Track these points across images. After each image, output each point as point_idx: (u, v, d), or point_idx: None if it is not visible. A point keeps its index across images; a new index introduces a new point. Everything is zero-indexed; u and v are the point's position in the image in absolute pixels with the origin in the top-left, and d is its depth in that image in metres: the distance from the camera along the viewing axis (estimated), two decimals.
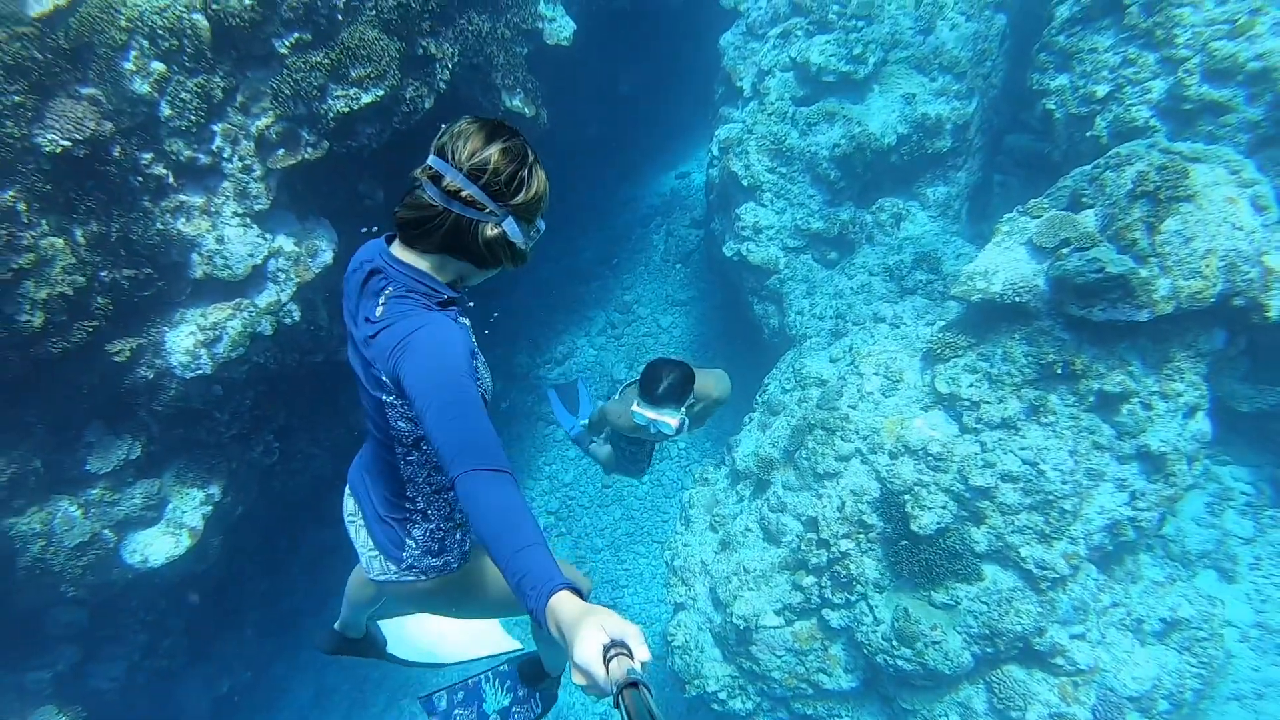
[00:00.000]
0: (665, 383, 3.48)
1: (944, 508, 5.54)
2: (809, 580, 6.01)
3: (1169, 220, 5.09)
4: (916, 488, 5.63)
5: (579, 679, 1.28)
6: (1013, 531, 5.42)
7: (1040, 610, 5.33)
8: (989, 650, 5.42)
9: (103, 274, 5.01)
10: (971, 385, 5.74)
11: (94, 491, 5.62)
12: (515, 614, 2.82)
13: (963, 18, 8.52)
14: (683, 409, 3.54)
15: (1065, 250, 5.35)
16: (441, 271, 1.99)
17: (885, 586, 5.75)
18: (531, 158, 1.93)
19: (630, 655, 1.26)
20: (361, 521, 2.45)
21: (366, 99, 5.30)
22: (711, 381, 3.85)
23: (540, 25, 8.26)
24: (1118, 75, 6.78)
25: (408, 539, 2.32)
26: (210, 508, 5.99)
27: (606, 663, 1.24)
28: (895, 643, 5.57)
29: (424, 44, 5.77)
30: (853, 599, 5.84)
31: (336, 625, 3.27)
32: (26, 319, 4.74)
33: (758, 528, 6.59)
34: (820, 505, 6.02)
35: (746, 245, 8.51)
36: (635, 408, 3.56)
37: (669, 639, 6.91)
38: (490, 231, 1.90)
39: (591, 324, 12.24)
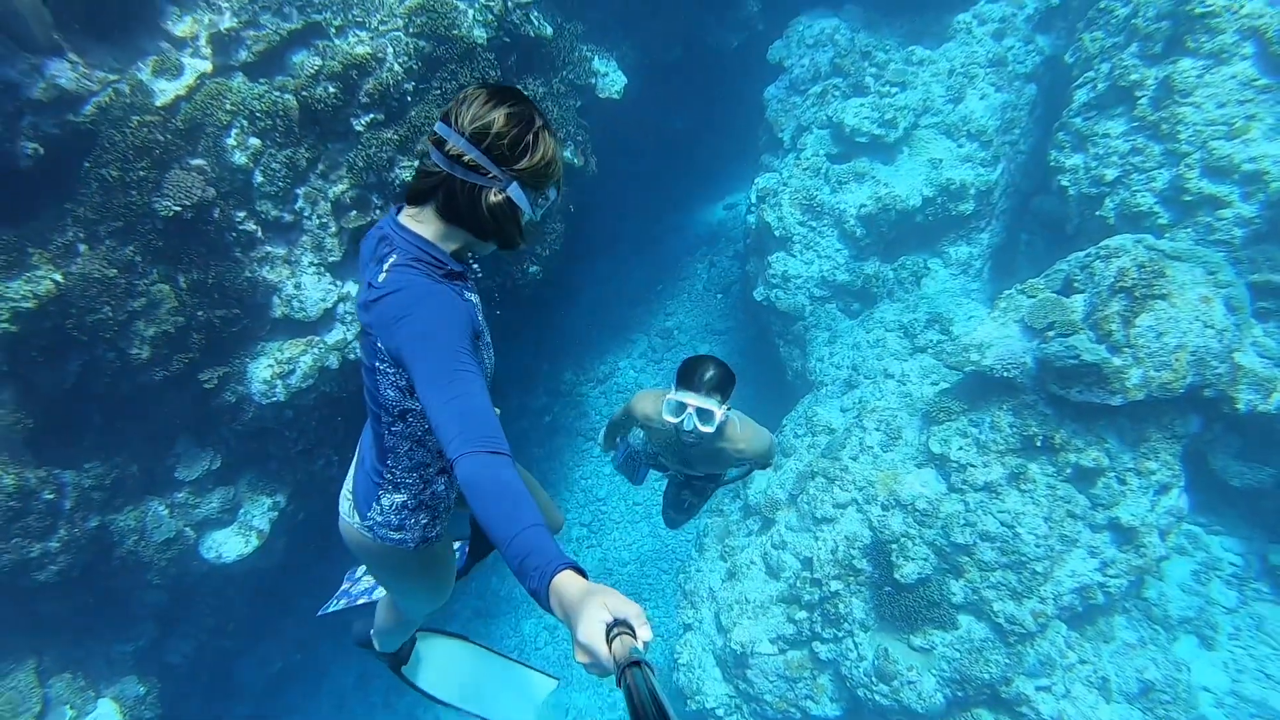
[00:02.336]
0: (710, 371, 3.15)
1: (925, 560, 6.08)
2: (802, 615, 6.60)
3: (1143, 316, 5.55)
4: (903, 539, 6.18)
5: (582, 657, 1.28)
6: (987, 587, 5.94)
7: (1008, 661, 5.84)
8: (960, 694, 5.95)
9: (199, 314, 5.87)
10: (961, 449, 6.27)
11: (180, 495, 6.50)
12: (435, 606, 2.86)
13: (993, 88, 8.97)
14: (727, 403, 3.19)
15: (1050, 333, 5.84)
16: (447, 241, 1.96)
17: (870, 626, 6.31)
18: (539, 123, 1.90)
19: (633, 634, 1.27)
20: (356, 465, 2.48)
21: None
22: (765, 442, 3.55)
23: (594, 81, 8.95)
24: (1126, 162, 7.20)
25: (376, 504, 2.32)
26: (276, 513, 6.84)
27: (609, 642, 1.25)
28: (875, 679, 6.13)
29: None
30: (840, 635, 6.41)
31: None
32: (137, 352, 5.62)
33: (761, 561, 7.19)
34: (816, 547, 6.61)
35: (775, 292, 9.09)
36: (671, 395, 3.19)
37: (675, 656, 7.56)
38: (493, 198, 1.87)
39: (634, 346, 12.90)
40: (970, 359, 6.22)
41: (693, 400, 3.12)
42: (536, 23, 7.52)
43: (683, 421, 3.15)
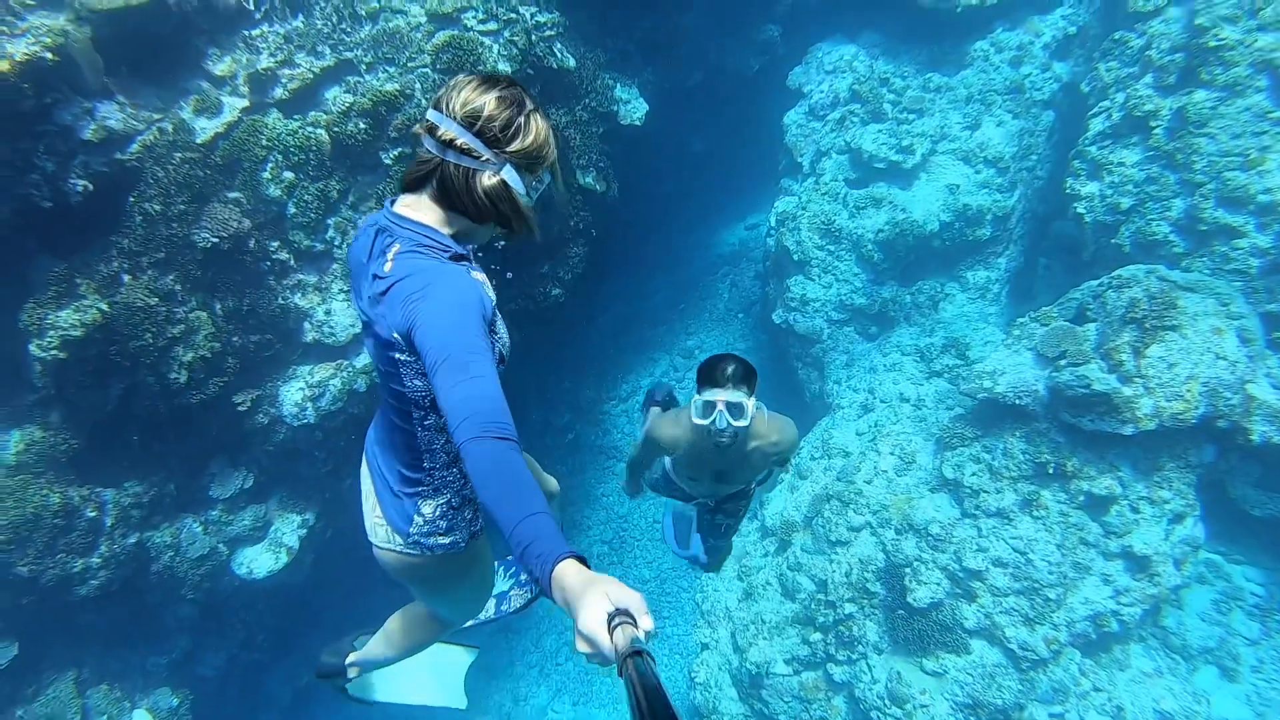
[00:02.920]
0: (732, 366, 3.10)
1: (938, 584, 6.16)
2: (816, 636, 6.70)
3: (1154, 346, 5.63)
4: (916, 563, 6.27)
5: (584, 647, 1.29)
6: (1000, 612, 6.01)
7: (1021, 688, 5.90)
8: (972, 719, 6.01)
9: (234, 339, 6.12)
10: (974, 474, 6.35)
11: (214, 513, 6.75)
12: (483, 603, 2.83)
13: (1010, 115, 9.06)
14: (753, 396, 3.13)
15: (1062, 362, 5.92)
16: (447, 226, 1.95)
17: (883, 649, 6.40)
18: (530, 106, 1.91)
19: (634, 624, 1.27)
20: (372, 488, 2.40)
21: None
22: (793, 429, 3.51)
23: (616, 108, 9.17)
24: (1141, 190, 7.26)
25: (416, 515, 2.25)
26: (305, 530, 7.06)
27: (611, 631, 1.25)
28: (888, 702, 6.20)
29: None
30: (854, 657, 6.50)
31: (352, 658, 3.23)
32: (175, 376, 5.88)
33: (776, 582, 7.30)
34: (831, 569, 6.71)
35: (794, 315, 9.22)
36: (697, 397, 3.11)
37: (692, 674, 7.67)
38: (488, 180, 1.88)
39: (655, 365, 13.05)
40: (983, 385, 6.31)
41: (721, 396, 3.04)
42: (559, 55, 7.75)
43: (714, 421, 3.07)
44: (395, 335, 1.86)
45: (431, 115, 1.88)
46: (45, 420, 6.03)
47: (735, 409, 3.05)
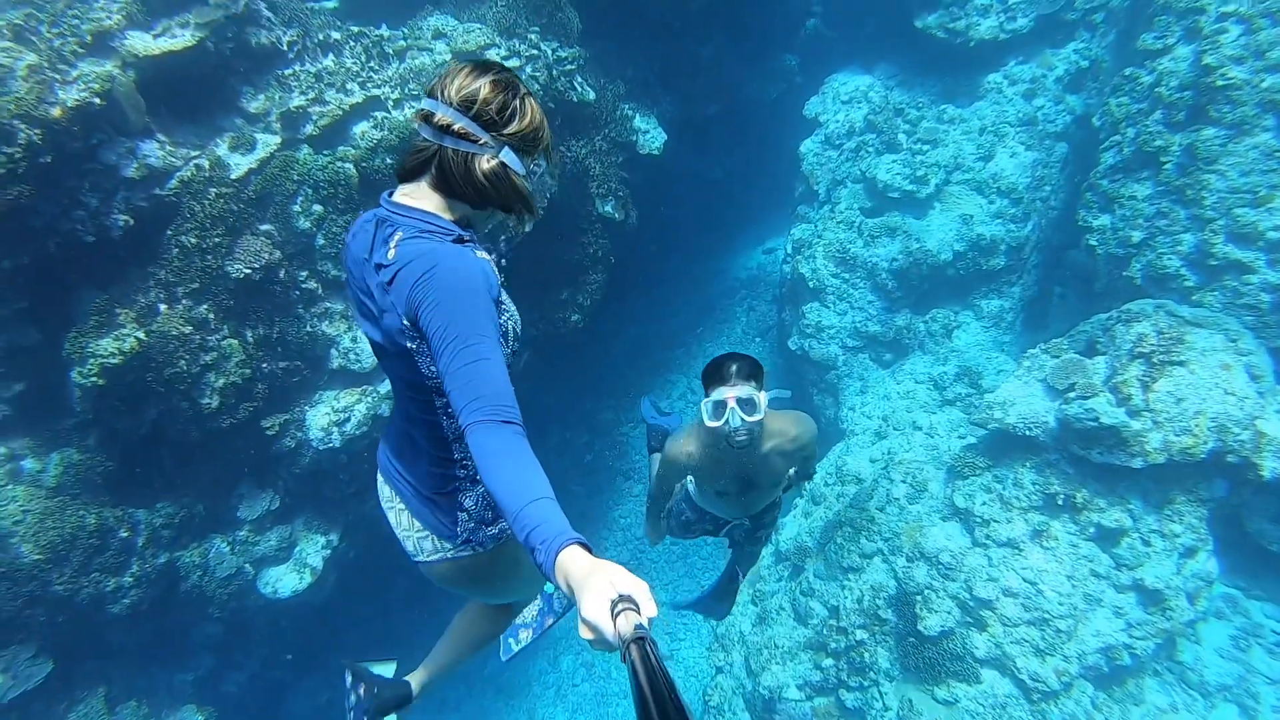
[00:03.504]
0: (736, 363, 3.03)
1: (949, 613, 6.24)
2: (828, 662, 6.78)
3: (1162, 381, 5.71)
4: (927, 591, 6.35)
5: (586, 633, 1.28)
6: (1011, 642, 6.07)
7: (1032, 719, 5.95)
8: None
9: (264, 366, 6.34)
10: (984, 504, 6.44)
11: (241, 533, 6.95)
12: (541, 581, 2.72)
13: (1023, 147, 9.19)
14: (764, 390, 3.05)
15: (1072, 394, 6.02)
16: (447, 212, 1.95)
17: (894, 676, 6.47)
18: (524, 90, 1.92)
19: (638, 610, 1.27)
20: (402, 505, 2.33)
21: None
22: (810, 424, 3.38)
23: (635, 139, 9.39)
24: (1152, 225, 7.36)
25: (459, 511, 2.20)
26: (329, 551, 7.24)
27: (614, 617, 1.25)
28: None
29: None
30: (866, 684, 6.57)
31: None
32: (207, 401, 6.10)
33: (790, 608, 7.39)
34: (843, 595, 6.80)
35: (809, 341, 9.35)
36: (708, 399, 3.04)
37: (706, 698, 7.75)
38: (486, 164, 1.88)
39: (673, 388, 13.19)
40: (994, 416, 6.41)
41: (730, 393, 2.96)
42: (580, 89, 7.99)
43: (727, 420, 2.98)
44: (405, 321, 1.84)
45: (427, 103, 1.89)
46: (83, 444, 6.26)
47: (746, 404, 2.96)
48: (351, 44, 6.92)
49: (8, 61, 5.23)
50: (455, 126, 1.84)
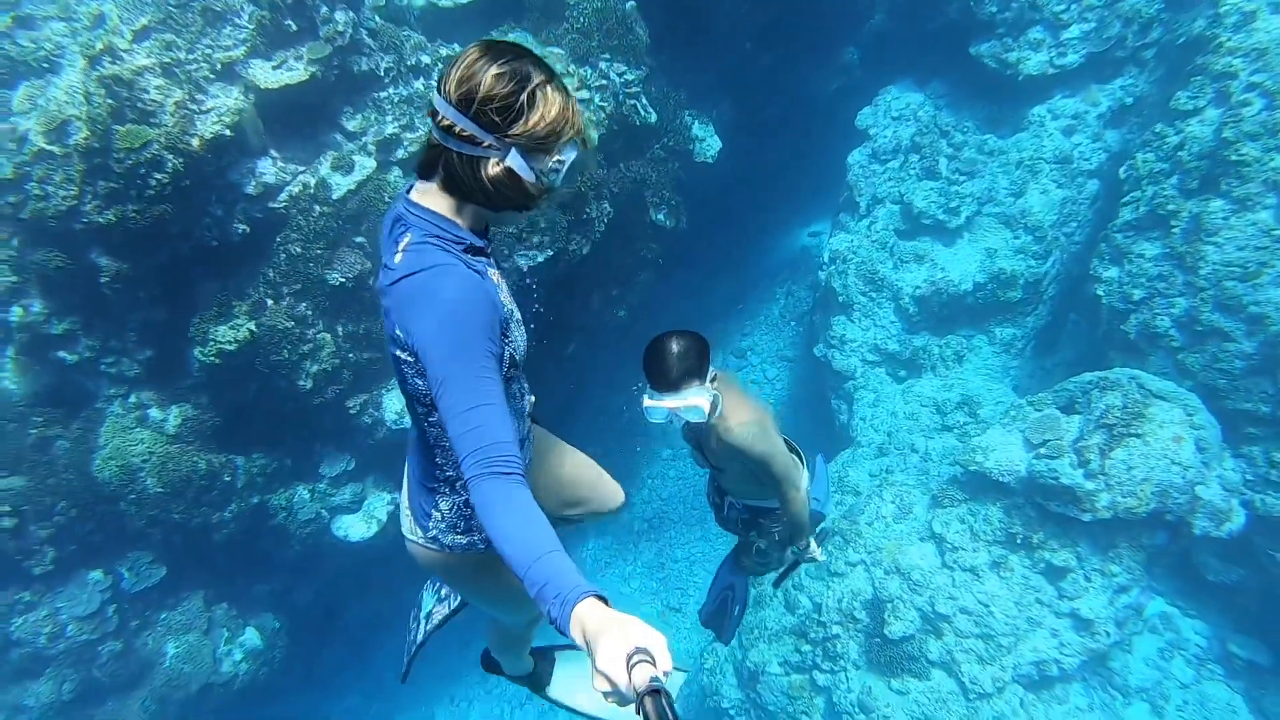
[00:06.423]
0: (671, 362, 2.85)
1: (912, 621, 7.30)
2: (807, 648, 7.92)
3: (1119, 450, 6.54)
4: (897, 600, 7.40)
5: (602, 685, 1.28)
6: (960, 651, 7.13)
7: (965, 712, 7.05)
8: None
9: (350, 356, 7.46)
10: (957, 533, 7.41)
11: (321, 486, 8.23)
12: (531, 610, 2.63)
13: (1054, 184, 9.73)
14: (707, 380, 2.90)
15: (1043, 450, 6.89)
16: (460, 215, 1.84)
17: (860, 666, 7.60)
18: (536, 79, 1.71)
19: (653, 663, 1.26)
20: (406, 480, 2.40)
21: (540, 258, 7.45)
22: (758, 428, 3.11)
23: (691, 147, 10.09)
24: (1152, 285, 8.00)
25: (434, 510, 2.20)
26: (393, 507, 8.49)
27: (629, 669, 1.25)
28: (858, 709, 7.43)
29: (588, 210, 7.82)
30: (836, 669, 7.71)
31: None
32: (303, 383, 7.26)
33: (781, 596, 8.52)
34: (826, 594, 7.89)
35: (832, 351, 10.21)
36: (648, 402, 2.91)
37: (703, 660, 9.01)
38: (492, 169, 1.74)
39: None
40: (975, 459, 7.31)
41: (670, 402, 2.85)
42: (643, 112, 8.71)
43: (671, 421, 2.92)
44: (398, 333, 1.79)
45: (434, 99, 1.75)
46: (197, 401, 7.50)
47: (690, 411, 2.86)
48: (440, 69, 7.73)
49: (159, 98, 6.24)
50: (456, 129, 1.71)
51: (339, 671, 10.91)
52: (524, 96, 1.69)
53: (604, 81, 8.19)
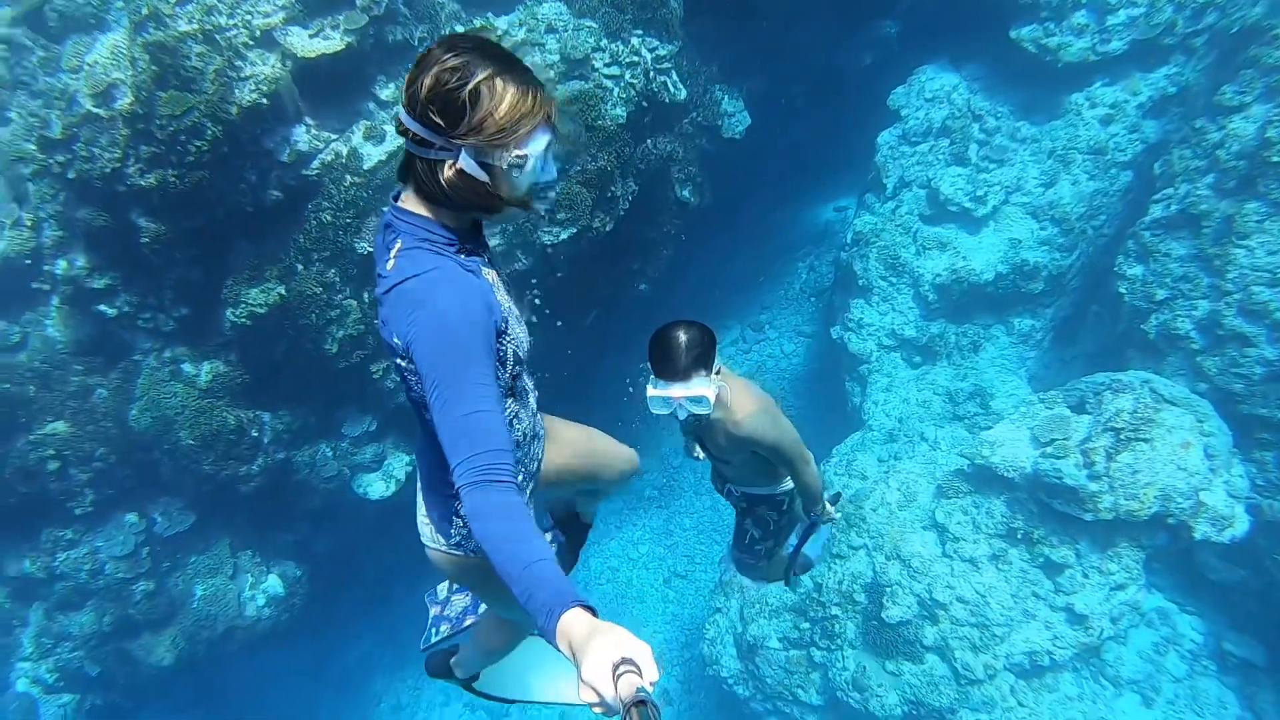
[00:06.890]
0: (680, 350, 2.79)
1: (909, 607, 7.49)
2: (806, 625, 8.16)
3: (1125, 454, 6.61)
4: (896, 586, 7.59)
5: (588, 695, 1.28)
6: (954, 638, 7.32)
7: (956, 696, 7.27)
8: (914, 713, 7.44)
9: (375, 322, 7.65)
10: (959, 524, 7.55)
11: (344, 445, 8.52)
12: None
13: (1086, 176, 9.60)
14: (713, 372, 2.86)
15: (1049, 449, 6.97)
16: (442, 217, 1.80)
17: (856, 646, 7.82)
18: (483, 73, 1.62)
19: (639, 673, 1.27)
20: (419, 486, 2.38)
21: (565, 235, 7.57)
22: (769, 419, 3.08)
23: (720, 122, 10.09)
24: (1176, 287, 7.96)
25: (455, 517, 2.19)
26: (411, 467, 8.78)
27: (615, 680, 1.25)
28: (851, 687, 7.67)
29: (612, 189, 7.90)
30: (833, 648, 7.94)
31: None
32: (328, 347, 7.50)
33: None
34: (828, 575, 8.09)
35: (849, 334, 10.27)
36: (653, 391, 2.85)
37: (704, 630, 9.29)
38: (448, 172, 1.68)
39: (727, 333, 14.11)
40: (982, 453, 7.41)
41: (676, 391, 2.80)
42: (673, 89, 8.71)
43: (675, 414, 2.87)
44: (396, 340, 1.77)
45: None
46: (228, 359, 7.78)
47: (696, 401, 2.82)
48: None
49: (200, 65, 6.38)
50: (409, 132, 1.67)
51: (355, 619, 11.35)
52: (465, 94, 1.61)
53: (635, 58, 8.19)
